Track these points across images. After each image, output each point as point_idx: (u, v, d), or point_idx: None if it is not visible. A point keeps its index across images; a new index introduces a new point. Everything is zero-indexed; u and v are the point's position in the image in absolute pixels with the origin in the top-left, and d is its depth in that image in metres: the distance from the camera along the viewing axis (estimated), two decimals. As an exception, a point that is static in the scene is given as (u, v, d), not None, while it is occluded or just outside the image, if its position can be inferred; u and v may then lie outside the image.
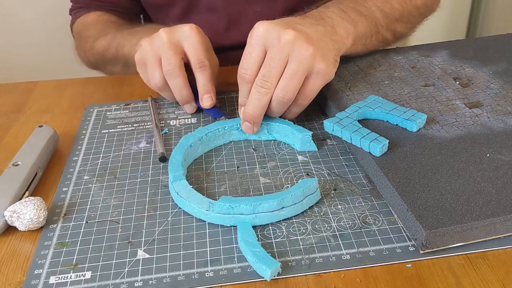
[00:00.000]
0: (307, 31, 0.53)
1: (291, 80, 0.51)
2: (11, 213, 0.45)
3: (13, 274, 0.42)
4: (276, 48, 0.51)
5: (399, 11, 0.68)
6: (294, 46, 0.50)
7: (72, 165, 0.55)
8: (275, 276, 0.40)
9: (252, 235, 0.43)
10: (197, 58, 0.59)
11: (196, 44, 0.59)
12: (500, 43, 0.70)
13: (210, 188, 0.50)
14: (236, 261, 0.42)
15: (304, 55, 0.50)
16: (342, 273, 0.41)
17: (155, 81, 0.60)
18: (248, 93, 0.53)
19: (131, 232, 0.45)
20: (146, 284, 0.40)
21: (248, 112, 0.53)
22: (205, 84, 0.59)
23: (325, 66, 0.52)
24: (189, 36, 0.59)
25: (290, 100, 0.52)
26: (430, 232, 0.40)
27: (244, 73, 0.53)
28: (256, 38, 0.52)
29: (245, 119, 0.54)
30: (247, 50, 0.53)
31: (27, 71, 1.41)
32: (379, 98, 0.55)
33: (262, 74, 0.51)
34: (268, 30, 0.51)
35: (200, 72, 0.59)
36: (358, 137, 0.49)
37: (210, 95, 0.60)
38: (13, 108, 0.68)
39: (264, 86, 0.51)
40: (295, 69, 0.51)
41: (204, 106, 0.60)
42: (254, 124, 0.54)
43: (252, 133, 0.55)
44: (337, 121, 0.52)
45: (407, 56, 0.67)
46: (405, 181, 0.45)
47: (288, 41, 0.50)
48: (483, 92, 0.58)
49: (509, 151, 0.48)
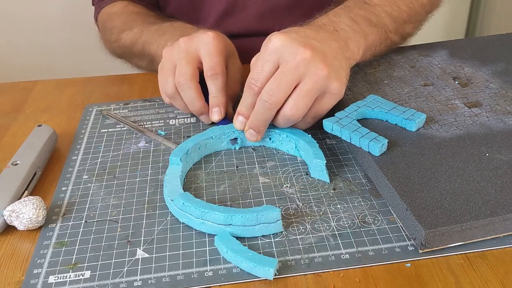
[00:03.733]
0: (322, 49, 0.51)
1: (303, 99, 0.50)
2: (10, 213, 0.45)
3: (12, 273, 0.42)
4: (289, 65, 0.49)
5: (406, 13, 0.67)
6: (310, 66, 0.49)
7: (71, 165, 0.55)
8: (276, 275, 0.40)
9: (236, 242, 0.42)
10: (209, 66, 0.56)
11: (211, 51, 0.56)
12: (499, 43, 0.70)
13: (209, 187, 0.50)
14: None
15: (319, 75, 0.49)
16: (341, 273, 0.41)
17: (166, 90, 0.58)
18: (250, 104, 0.52)
19: (130, 231, 0.45)
20: (145, 284, 0.40)
21: (253, 122, 0.52)
22: (215, 96, 0.57)
23: (339, 86, 0.51)
24: (206, 44, 0.57)
25: (299, 119, 0.51)
26: (429, 232, 0.40)
27: (254, 84, 0.51)
28: (271, 52, 0.50)
29: (249, 127, 0.53)
30: (260, 63, 0.51)
31: (26, 71, 1.41)
32: (378, 98, 0.55)
33: (269, 88, 0.50)
34: (285, 45, 0.50)
35: (211, 81, 0.57)
36: (357, 137, 0.49)
37: (219, 108, 0.57)
38: (12, 108, 0.68)
39: (269, 101, 0.50)
40: (308, 88, 0.49)
41: (213, 120, 0.57)
42: (258, 132, 0.53)
43: (256, 141, 0.53)
44: (336, 120, 0.52)
45: (406, 55, 0.67)
46: (404, 181, 0.45)
47: (304, 60, 0.49)
48: (482, 92, 0.58)
49: (508, 150, 0.48)
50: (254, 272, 0.40)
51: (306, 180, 0.50)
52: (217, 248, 0.43)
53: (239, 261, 0.41)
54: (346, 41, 0.56)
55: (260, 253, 0.42)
